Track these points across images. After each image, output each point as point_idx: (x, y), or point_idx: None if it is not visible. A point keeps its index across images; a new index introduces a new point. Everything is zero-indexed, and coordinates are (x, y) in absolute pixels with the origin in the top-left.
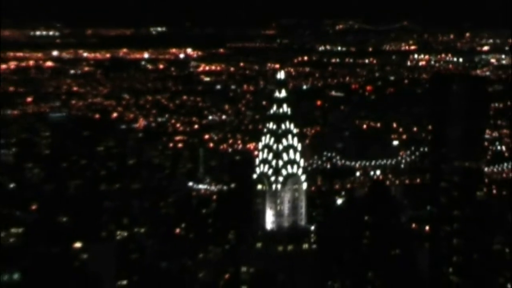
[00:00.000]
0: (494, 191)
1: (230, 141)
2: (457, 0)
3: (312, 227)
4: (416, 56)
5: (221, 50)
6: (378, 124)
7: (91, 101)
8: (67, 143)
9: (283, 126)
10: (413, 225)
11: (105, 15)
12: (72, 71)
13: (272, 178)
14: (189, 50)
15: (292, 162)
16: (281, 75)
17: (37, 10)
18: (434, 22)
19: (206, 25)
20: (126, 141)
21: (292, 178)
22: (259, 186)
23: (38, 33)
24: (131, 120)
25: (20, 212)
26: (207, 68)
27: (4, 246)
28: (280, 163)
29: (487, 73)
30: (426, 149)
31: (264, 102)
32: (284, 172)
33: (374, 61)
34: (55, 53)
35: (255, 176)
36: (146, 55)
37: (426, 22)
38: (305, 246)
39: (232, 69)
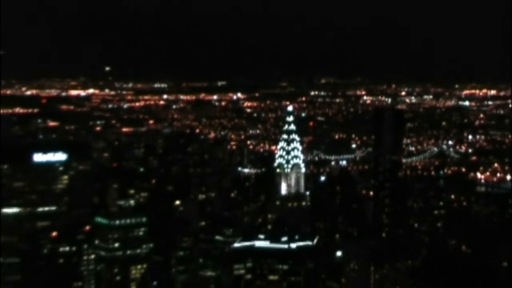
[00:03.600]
0: (408, 173)
1: (261, 145)
2: (387, 66)
3: (307, 193)
4: (365, 98)
5: (257, 94)
6: (344, 135)
7: (184, 123)
8: (171, 146)
9: (291, 136)
10: (364, 192)
11: (192, 74)
12: (174, 106)
13: (285, 166)
14: (239, 94)
15: (296, 157)
16: (290, 108)
17: (155, 72)
18: (375, 78)
19: (248, 79)
20: (203, 145)
21: (296, 166)
22: (278, 170)
23: (155, 85)
24: (206, 133)
25: (146, 184)
26: (249, 104)
27: (137, 203)
28: (289, 157)
29: (404, 107)
30: (370, 149)
31: (280, 123)
32: (292, 162)
33: (342, 101)
34: (165, 96)
35: (275, 164)
36: (215, 97)
37: (371, 78)
38: (303, 203)
39: (262, 104)
